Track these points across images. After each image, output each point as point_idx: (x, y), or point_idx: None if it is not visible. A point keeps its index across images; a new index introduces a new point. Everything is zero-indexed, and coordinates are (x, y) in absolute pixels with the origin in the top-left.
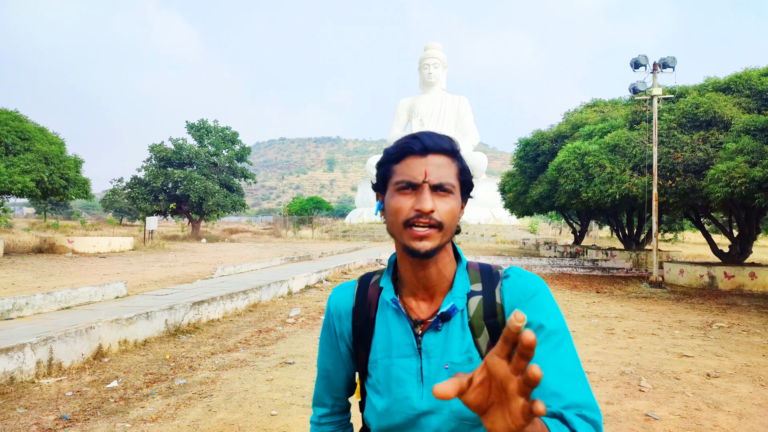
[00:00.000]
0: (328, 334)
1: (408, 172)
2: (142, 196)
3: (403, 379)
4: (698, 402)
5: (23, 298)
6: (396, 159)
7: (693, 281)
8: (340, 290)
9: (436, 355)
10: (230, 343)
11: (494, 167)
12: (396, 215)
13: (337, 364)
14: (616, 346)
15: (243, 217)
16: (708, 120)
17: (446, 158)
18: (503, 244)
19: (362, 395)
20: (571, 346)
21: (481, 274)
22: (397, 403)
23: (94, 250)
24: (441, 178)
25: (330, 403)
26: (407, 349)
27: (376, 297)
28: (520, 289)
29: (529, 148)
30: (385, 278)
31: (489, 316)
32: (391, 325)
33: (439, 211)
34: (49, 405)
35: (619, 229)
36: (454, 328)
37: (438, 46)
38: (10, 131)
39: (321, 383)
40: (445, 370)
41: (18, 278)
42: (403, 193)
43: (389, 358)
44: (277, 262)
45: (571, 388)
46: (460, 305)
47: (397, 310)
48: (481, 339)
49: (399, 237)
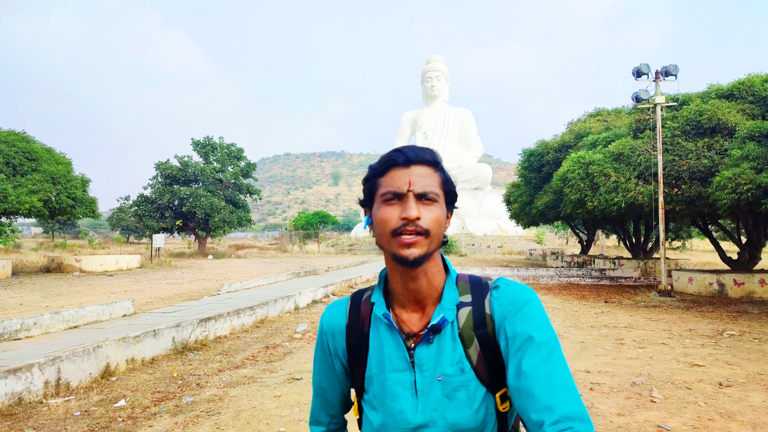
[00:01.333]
0: (322, 351)
1: (393, 183)
2: (148, 214)
3: (397, 394)
4: (711, 412)
5: (31, 318)
6: (381, 173)
7: (702, 289)
8: (333, 308)
9: (429, 368)
10: (237, 360)
11: (499, 178)
12: (383, 225)
13: (332, 382)
14: (626, 356)
15: (249, 232)
16: (712, 127)
17: (429, 168)
18: (510, 255)
19: (360, 413)
20: (560, 357)
21: (470, 286)
22: (392, 418)
23: (102, 269)
24: (425, 187)
25: (326, 420)
26: (400, 363)
27: (369, 312)
28: (509, 299)
29: (533, 159)
30: (377, 293)
31: (479, 327)
32: (383, 339)
33: (425, 219)
34: (57, 425)
35: (626, 237)
36: (445, 339)
37: (440, 59)
38: (17, 152)
39: (317, 401)
40: (438, 382)
41: (26, 298)
42: (390, 204)
43: (383, 372)
44: (284, 277)
45: (562, 400)
46: (450, 317)
47: (389, 325)
48: (471, 350)
49: (387, 246)
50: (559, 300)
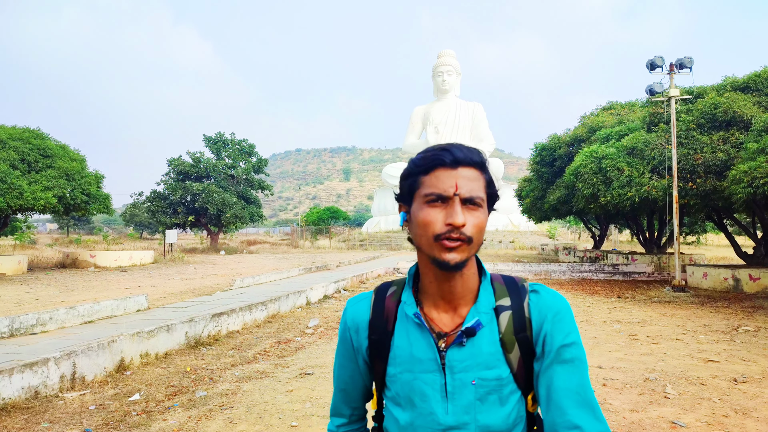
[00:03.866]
0: (345, 347)
1: (438, 184)
2: (161, 210)
3: (426, 394)
4: (726, 408)
5: (47, 313)
6: (425, 170)
7: (717, 284)
8: (357, 302)
9: (460, 371)
10: (250, 355)
11: (511, 173)
12: (426, 228)
13: (354, 377)
14: (639, 352)
15: (261, 228)
16: (727, 120)
17: (476, 171)
18: (521, 250)
19: (378, 406)
20: (586, 371)
21: (507, 288)
22: (421, 418)
23: (116, 264)
24: (472, 192)
25: (348, 413)
26: (430, 365)
27: (395, 309)
28: (549, 308)
29: (545, 153)
30: (407, 291)
31: (519, 331)
32: (412, 339)
33: (469, 226)
34: (72, 419)
35: (639, 232)
36: (480, 343)
37: (451, 53)
38: (32, 149)
39: (339, 395)
40: (472, 385)
41: (42, 293)
42: (433, 206)
43: (412, 372)
44: (296, 272)
45: (588, 419)
46: (485, 320)
47: (419, 325)
48: (512, 355)
49: (428, 250)
50: (571, 295)
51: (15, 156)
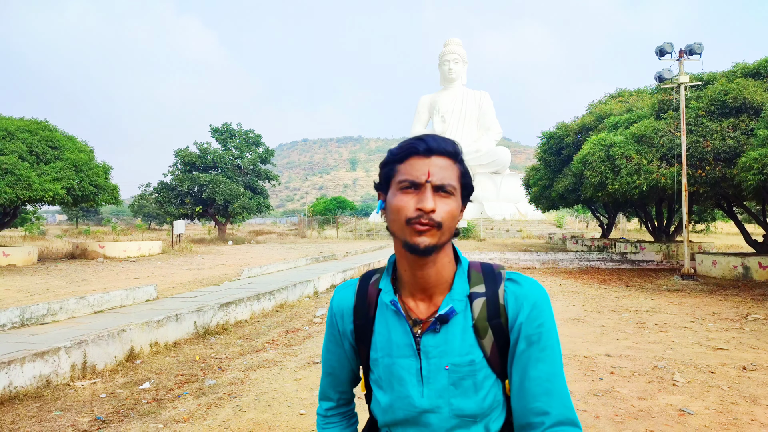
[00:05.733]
0: (332, 332)
1: (411, 171)
2: (169, 201)
3: (403, 378)
4: (734, 396)
5: (57, 303)
6: (400, 159)
7: (726, 272)
8: (343, 289)
9: (435, 356)
10: (258, 344)
11: (518, 162)
12: (398, 213)
13: (341, 362)
14: (647, 340)
15: (268, 218)
16: (738, 106)
17: (449, 160)
18: (529, 239)
19: (367, 389)
20: (560, 360)
21: (483, 275)
22: (399, 401)
23: (125, 255)
24: (443, 180)
25: (336, 397)
26: (407, 350)
27: (376, 296)
28: (524, 296)
29: (552, 141)
30: (385, 279)
31: (493, 318)
32: (390, 325)
33: (439, 212)
34: (84, 407)
35: (648, 221)
36: (454, 329)
37: (457, 42)
38: (40, 140)
39: (327, 379)
40: (445, 371)
41: (52, 284)
42: (406, 192)
43: (390, 357)
44: (303, 262)
45: (558, 406)
46: (459, 308)
47: (396, 312)
48: (485, 340)
49: (400, 234)
50: (579, 284)
51: (23, 148)
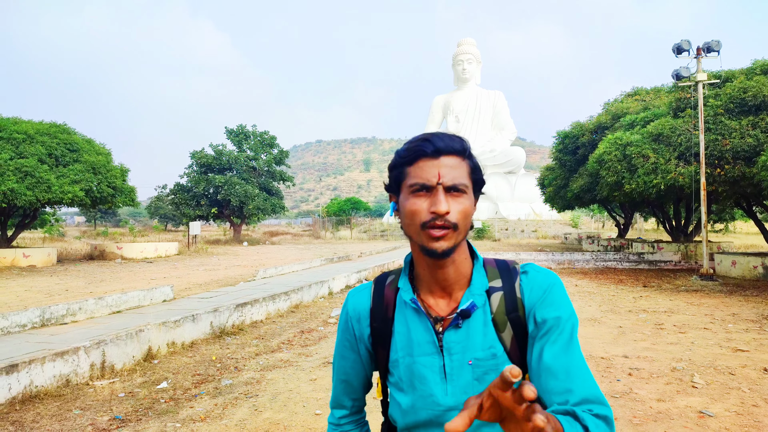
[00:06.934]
0: (347, 337)
1: (421, 174)
2: (185, 202)
3: (426, 377)
4: (755, 398)
5: (76, 303)
6: (409, 161)
7: (746, 272)
8: (357, 293)
9: (457, 352)
10: (273, 344)
11: (532, 161)
12: (412, 217)
13: (356, 368)
14: (666, 341)
15: (283, 219)
16: (757, 104)
17: (458, 159)
18: (544, 240)
19: (384, 394)
20: (576, 340)
21: (499, 270)
22: (421, 400)
23: (142, 256)
24: (454, 179)
25: (349, 404)
26: (429, 347)
27: (394, 297)
28: (539, 285)
29: (568, 141)
30: (403, 278)
31: (511, 311)
32: (410, 324)
33: (453, 213)
34: (103, 406)
35: (665, 220)
36: (475, 324)
37: (471, 42)
38: (59, 143)
39: (340, 386)
40: (468, 366)
41: (71, 284)
42: (418, 195)
43: (411, 356)
44: (318, 263)
45: (581, 384)
46: (479, 302)
47: (416, 309)
48: (504, 334)
49: (416, 238)
50: (595, 284)
51: (43, 151)
